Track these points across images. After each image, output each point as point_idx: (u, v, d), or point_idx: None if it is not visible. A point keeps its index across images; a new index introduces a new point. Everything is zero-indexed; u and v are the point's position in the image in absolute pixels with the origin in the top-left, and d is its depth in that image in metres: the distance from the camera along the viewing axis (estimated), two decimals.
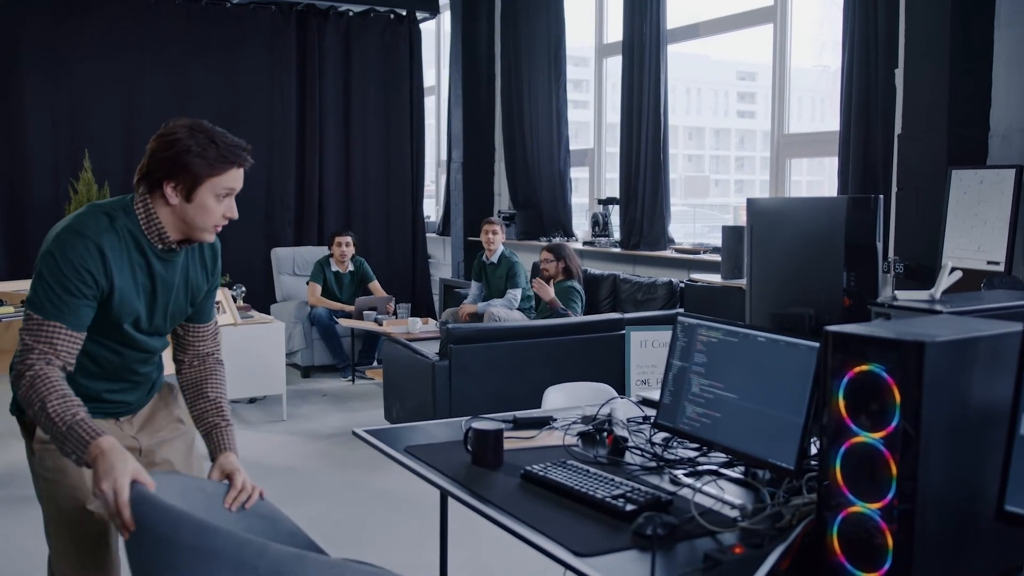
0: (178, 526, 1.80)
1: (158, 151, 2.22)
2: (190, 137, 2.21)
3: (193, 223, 2.25)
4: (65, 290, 2.12)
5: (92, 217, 2.21)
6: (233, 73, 9.17)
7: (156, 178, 2.21)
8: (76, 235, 2.16)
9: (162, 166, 2.20)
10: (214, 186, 2.22)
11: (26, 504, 4.69)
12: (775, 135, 6.55)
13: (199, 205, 2.22)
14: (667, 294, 6.62)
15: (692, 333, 2.40)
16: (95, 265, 2.15)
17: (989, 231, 4.69)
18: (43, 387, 2.03)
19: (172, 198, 2.21)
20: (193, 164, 2.19)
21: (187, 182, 2.20)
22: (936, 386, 1.54)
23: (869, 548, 1.60)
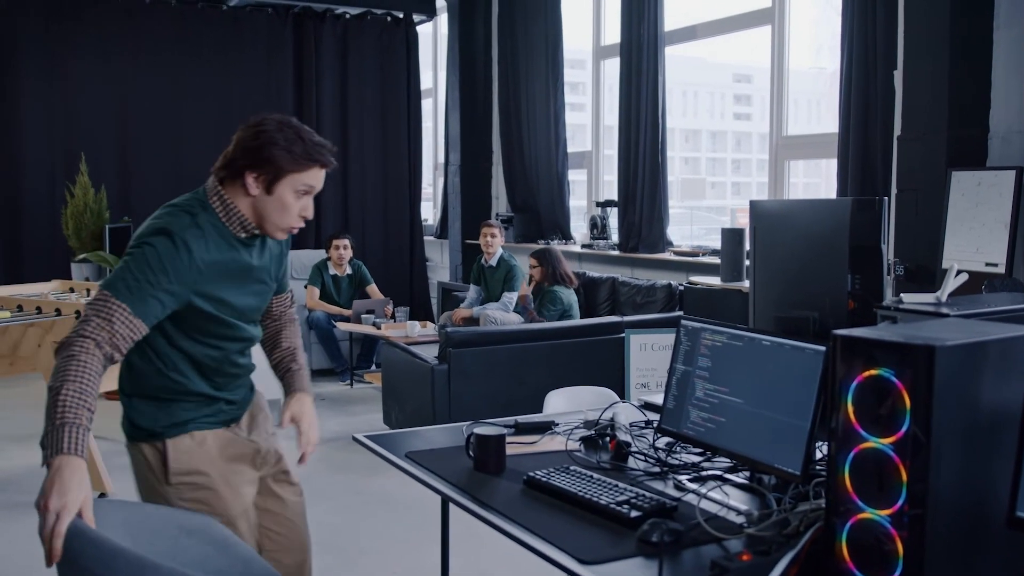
0: (114, 563, 1.73)
1: (245, 140, 2.23)
2: (278, 130, 2.22)
3: (269, 217, 2.26)
4: (144, 278, 2.10)
5: (175, 216, 2.20)
6: (229, 76, 9.15)
7: (239, 167, 2.22)
8: (163, 234, 2.15)
9: (247, 155, 2.21)
10: (295, 181, 2.24)
11: (23, 510, 4.67)
12: (773, 137, 6.54)
13: (278, 199, 2.24)
14: (666, 297, 6.60)
15: (696, 337, 2.38)
16: (181, 263, 2.14)
17: (987, 233, 4.68)
18: (74, 371, 1.98)
19: (252, 188, 2.22)
20: (278, 156, 2.20)
21: (269, 174, 2.21)
22: (946, 390, 1.52)
23: (879, 555, 1.58)
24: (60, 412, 1.94)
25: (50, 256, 8.29)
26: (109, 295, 2.08)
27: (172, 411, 2.30)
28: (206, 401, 2.33)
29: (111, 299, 2.08)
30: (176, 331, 2.24)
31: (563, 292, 6.61)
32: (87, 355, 2.01)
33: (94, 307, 2.08)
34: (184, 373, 2.28)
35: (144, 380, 2.29)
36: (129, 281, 2.10)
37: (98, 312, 2.07)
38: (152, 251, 2.12)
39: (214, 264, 2.21)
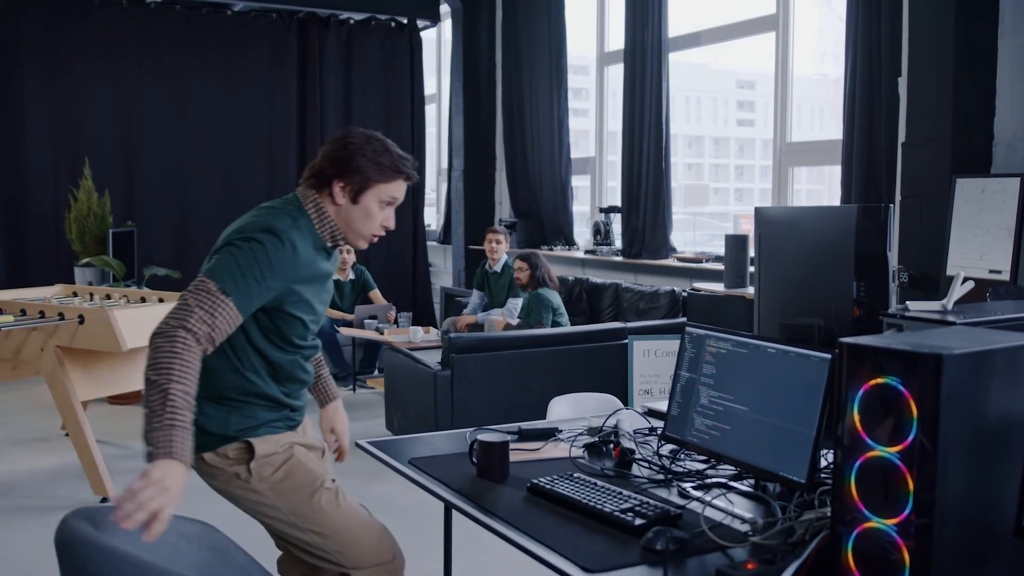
0: (122, 568, 1.73)
1: (333, 151, 2.31)
2: (366, 143, 2.32)
3: (353, 226, 2.33)
4: (251, 273, 2.13)
5: (277, 216, 2.26)
6: (233, 81, 9.16)
7: (327, 176, 2.29)
8: (270, 231, 2.19)
9: (335, 165, 2.29)
10: (380, 192, 2.32)
11: (27, 513, 4.67)
12: (777, 143, 6.53)
13: (363, 209, 2.31)
14: (669, 303, 6.59)
15: (701, 344, 2.37)
16: (287, 262, 2.19)
17: (991, 240, 4.67)
18: (180, 369, 1.99)
19: (339, 198, 2.30)
20: (365, 167, 2.29)
21: (356, 184, 2.29)
22: (954, 399, 1.51)
23: (885, 564, 1.57)
24: (171, 413, 1.95)
25: (54, 260, 8.30)
26: (215, 287, 2.09)
27: (244, 413, 2.32)
28: (275, 406, 2.36)
29: (217, 292, 2.09)
30: (256, 331, 2.27)
31: (549, 294, 6.58)
32: (190, 353, 2.02)
33: (198, 298, 2.08)
34: (259, 374, 2.31)
35: (217, 380, 2.28)
36: (236, 274, 2.12)
37: (201, 303, 2.07)
38: (260, 247, 2.16)
39: (308, 266, 2.27)
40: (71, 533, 1.81)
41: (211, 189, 9.12)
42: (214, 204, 9.13)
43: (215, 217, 9.11)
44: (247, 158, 9.26)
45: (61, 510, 4.81)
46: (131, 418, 6.60)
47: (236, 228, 2.25)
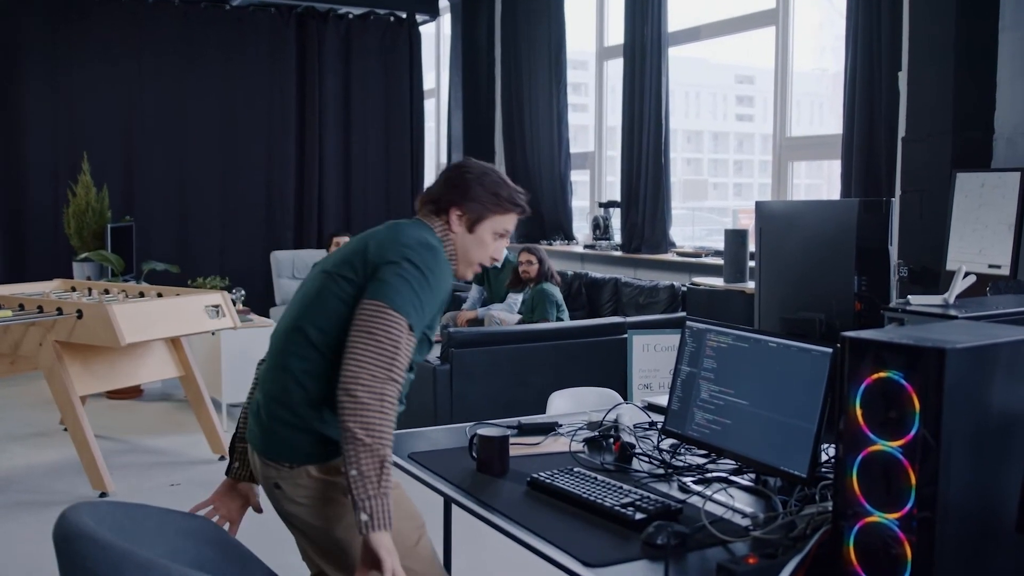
0: (122, 565, 1.71)
1: (452, 179, 2.33)
2: (483, 174, 2.33)
3: (465, 255, 2.33)
4: (428, 303, 2.11)
5: (428, 234, 2.25)
6: (232, 76, 9.14)
7: (446, 203, 2.30)
8: (433, 251, 2.18)
9: (455, 193, 2.30)
10: (495, 224, 2.32)
11: (25, 508, 4.66)
12: (777, 138, 6.52)
13: (478, 239, 2.32)
14: (669, 298, 6.59)
15: (701, 338, 2.37)
16: (447, 287, 2.21)
17: (990, 235, 4.66)
18: (391, 428, 1.97)
19: (456, 225, 2.30)
20: (484, 198, 2.30)
21: (473, 213, 2.30)
22: (956, 393, 1.51)
23: (887, 559, 1.57)
24: (386, 481, 1.96)
25: (52, 255, 8.29)
26: (406, 325, 2.04)
27: None
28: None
29: (408, 332, 2.04)
30: None
31: (553, 289, 6.56)
32: (395, 408, 2.01)
33: (394, 339, 2.01)
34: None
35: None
36: (418, 307, 2.08)
37: (398, 347, 2.02)
38: (432, 276, 2.13)
39: (449, 291, 2.27)
40: (70, 528, 1.80)
41: (210, 184, 9.10)
42: (213, 199, 9.13)
43: (214, 212, 9.13)
44: (246, 153, 9.24)
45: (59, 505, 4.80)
46: (130, 413, 6.61)
47: (396, 245, 2.17)
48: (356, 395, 1.95)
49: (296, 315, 2.22)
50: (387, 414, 1.97)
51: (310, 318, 2.17)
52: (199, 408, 5.53)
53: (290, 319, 2.24)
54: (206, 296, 5.37)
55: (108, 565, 1.71)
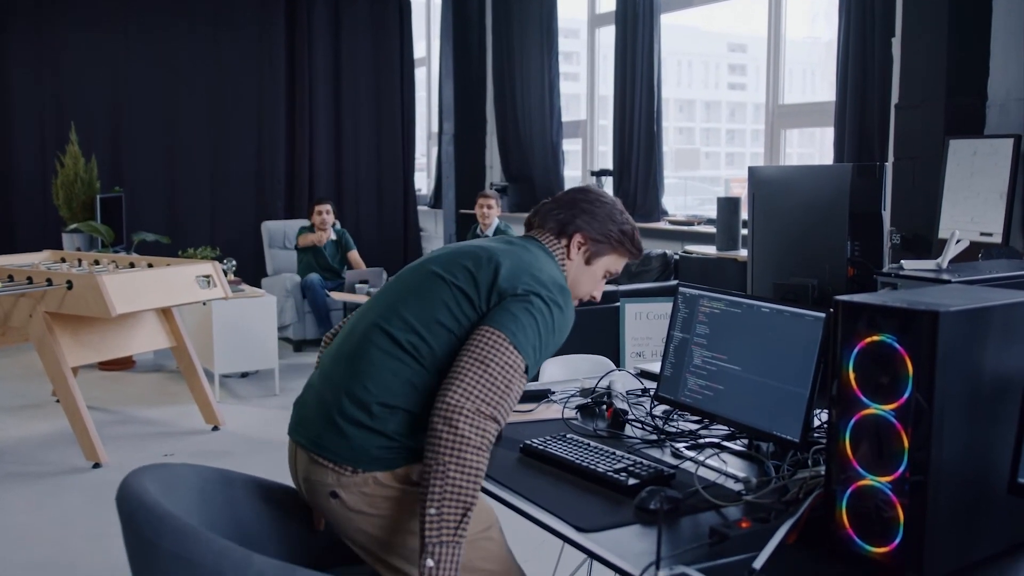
0: (161, 529, 1.70)
1: (584, 204, 2.17)
2: (616, 209, 2.20)
3: (576, 286, 2.19)
4: (547, 345, 1.96)
5: (559, 271, 2.10)
6: (221, 45, 9.06)
7: (573, 228, 2.15)
8: (565, 294, 2.02)
9: (585, 220, 2.16)
10: (611, 262, 2.21)
11: (16, 480, 4.66)
12: (770, 106, 6.50)
13: (592, 273, 2.19)
14: (661, 266, 6.58)
15: (694, 304, 2.36)
16: (568, 328, 2.05)
17: (982, 203, 4.66)
18: (483, 473, 1.81)
19: (575, 253, 2.16)
20: (613, 233, 2.18)
21: (597, 246, 2.17)
22: (949, 357, 1.50)
23: (879, 522, 1.57)
24: (463, 530, 1.77)
25: (41, 226, 8.25)
26: (522, 365, 1.86)
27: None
28: None
29: (523, 373, 1.87)
30: None
31: None
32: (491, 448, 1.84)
33: (508, 377, 1.83)
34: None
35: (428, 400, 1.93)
36: (538, 348, 1.93)
37: (511, 387, 1.84)
38: (561, 317, 1.98)
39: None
40: (126, 489, 1.81)
41: (200, 154, 9.05)
42: (203, 170, 9.08)
43: (204, 182, 9.09)
44: (236, 123, 9.18)
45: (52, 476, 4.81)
46: (122, 384, 6.60)
47: (527, 279, 1.97)
48: (458, 427, 1.76)
49: (389, 308, 2.01)
50: (484, 456, 1.79)
51: (408, 316, 1.97)
52: (191, 379, 5.52)
53: (381, 310, 2.02)
54: (197, 266, 5.35)
55: (150, 528, 1.71)
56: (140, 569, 1.79)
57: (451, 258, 2.05)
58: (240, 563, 1.63)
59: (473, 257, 2.03)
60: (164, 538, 1.69)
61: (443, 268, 2.01)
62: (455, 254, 2.06)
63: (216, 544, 1.67)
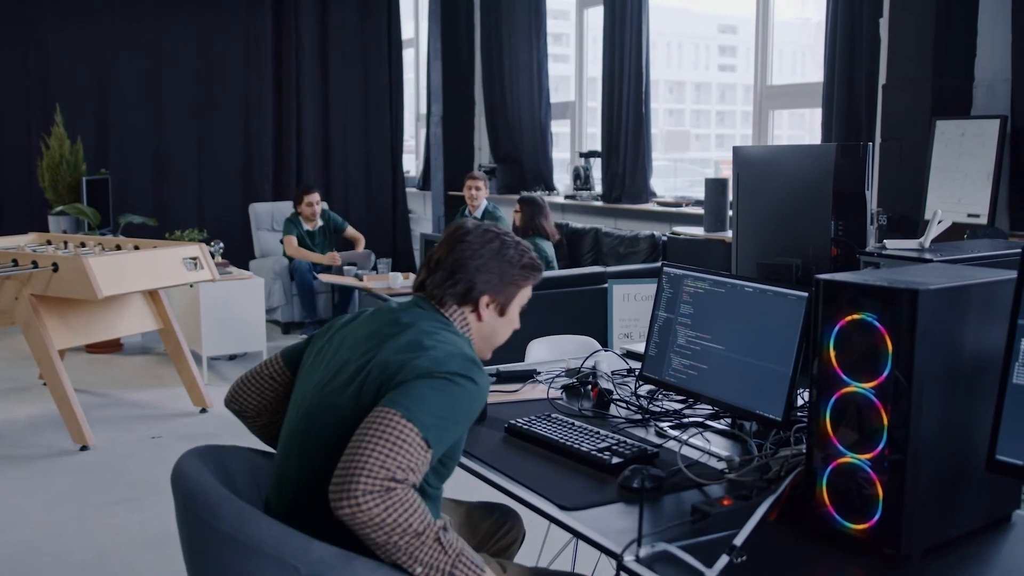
0: (219, 512, 1.67)
1: (473, 259, 1.94)
2: (505, 244, 1.98)
3: (494, 339, 2.02)
4: (454, 421, 1.73)
5: (468, 345, 1.88)
6: (207, 24, 8.99)
7: (478, 293, 1.94)
8: (478, 368, 1.79)
9: (486, 278, 1.94)
10: (523, 297, 2.03)
11: (4, 462, 4.65)
12: (758, 86, 6.49)
13: (509, 319, 2.01)
14: (649, 247, 6.59)
15: (678, 284, 2.37)
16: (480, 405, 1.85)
17: (970, 184, 4.68)
18: (421, 511, 1.61)
19: (486, 313, 1.96)
20: (515, 275, 1.98)
21: (508, 296, 1.98)
22: (929, 335, 1.51)
23: (859, 499, 1.58)
24: (449, 550, 1.65)
25: (27, 209, 8.20)
26: (421, 442, 1.64)
27: None
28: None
29: (425, 450, 1.65)
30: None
31: (542, 243, 6.54)
32: (414, 494, 1.63)
33: (398, 450, 1.61)
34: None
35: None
36: (440, 427, 1.69)
37: (409, 462, 1.62)
38: (467, 397, 1.75)
39: None
40: (179, 470, 1.81)
41: (186, 136, 8.99)
42: (190, 151, 9.02)
43: (191, 164, 9.04)
44: (223, 104, 9.13)
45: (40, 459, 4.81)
46: (110, 366, 6.59)
47: (436, 355, 1.76)
48: (362, 520, 1.58)
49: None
50: (407, 510, 1.60)
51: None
52: (179, 361, 5.51)
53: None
54: (184, 248, 5.33)
55: (208, 511, 1.70)
56: (195, 551, 1.78)
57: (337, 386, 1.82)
58: (299, 549, 1.62)
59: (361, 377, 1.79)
60: (223, 521, 1.67)
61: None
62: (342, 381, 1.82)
63: (276, 529, 1.65)
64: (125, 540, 3.75)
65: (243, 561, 1.64)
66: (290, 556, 1.61)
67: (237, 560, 1.65)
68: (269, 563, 1.62)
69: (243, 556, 1.64)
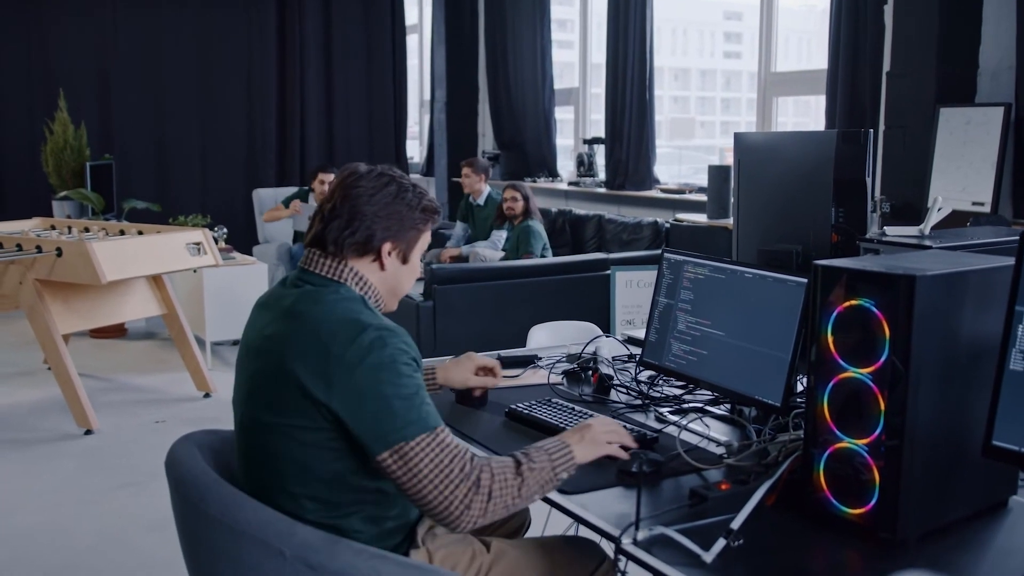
0: (208, 496, 1.70)
1: (370, 204, 1.83)
2: (403, 188, 1.87)
3: (400, 288, 1.93)
4: (416, 387, 1.74)
5: (363, 312, 1.77)
6: (211, 10, 8.98)
7: (379, 240, 1.84)
8: (384, 331, 1.73)
9: (385, 223, 1.84)
10: (423, 241, 1.93)
11: (8, 446, 4.68)
12: (762, 73, 6.47)
13: (412, 267, 1.92)
14: (652, 234, 6.59)
15: (678, 270, 2.37)
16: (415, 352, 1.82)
17: (975, 172, 4.66)
18: (502, 480, 1.72)
19: (388, 262, 1.86)
20: (415, 218, 1.88)
21: (409, 241, 1.89)
22: (926, 320, 1.52)
23: (856, 484, 1.59)
24: (536, 468, 1.77)
25: (31, 194, 8.21)
26: (428, 435, 1.69)
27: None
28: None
29: (435, 437, 1.70)
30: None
31: (538, 226, 6.54)
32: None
33: (429, 464, 1.67)
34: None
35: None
36: (415, 404, 1.72)
37: (442, 456, 1.69)
38: (398, 356, 1.73)
39: None
40: (173, 455, 1.84)
41: (189, 121, 9.00)
42: (193, 137, 9.03)
43: (194, 150, 9.04)
44: (225, 89, 9.12)
45: (44, 443, 4.82)
46: (114, 351, 6.61)
47: (337, 338, 1.69)
48: (475, 517, 1.69)
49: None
50: (485, 499, 1.69)
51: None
52: (183, 346, 5.53)
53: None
54: (187, 233, 5.34)
55: (196, 493, 1.73)
56: (187, 534, 1.81)
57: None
58: (284, 532, 1.64)
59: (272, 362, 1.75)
60: (210, 504, 1.69)
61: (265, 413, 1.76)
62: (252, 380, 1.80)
63: (262, 513, 1.67)
64: (128, 524, 3.77)
65: (231, 544, 1.67)
66: (275, 539, 1.63)
67: (225, 543, 1.68)
68: (255, 546, 1.64)
69: (231, 539, 1.67)
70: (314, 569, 1.61)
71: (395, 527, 1.85)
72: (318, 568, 1.61)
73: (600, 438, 1.89)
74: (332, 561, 1.62)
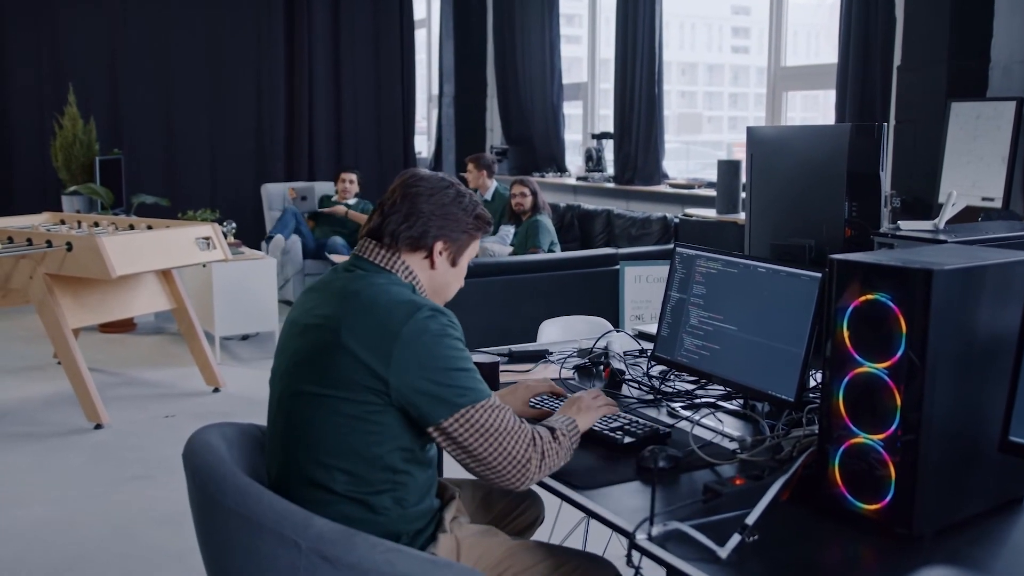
0: (224, 487, 1.71)
1: (429, 204, 1.92)
2: (460, 194, 1.97)
3: (445, 294, 2.01)
4: (467, 359, 1.84)
5: (413, 295, 1.86)
6: (219, 5, 8.97)
7: (432, 237, 1.92)
8: (438, 309, 1.82)
9: (440, 223, 1.92)
10: (473, 250, 2.02)
11: (18, 440, 4.69)
12: (771, 68, 6.45)
13: (459, 271, 2.00)
14: (661, 229, 6.58)
15: (691, 264, 2.36)
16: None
17: (985, 167, 4.64)
18: (551, 449, 1.86)
19: (439, 261, 1.94)
20: (468, 223, 1.97)
21: (460, 244, 1.97)
22: (943, 315, 1.51)
23: (871, 480, 1.58)
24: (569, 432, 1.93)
25: (40, 189, 8.23)
26: (486, 403, 1.80)
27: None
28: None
29: (496, 404, 1.82)
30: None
31: (546, 220, 6.53)
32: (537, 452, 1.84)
33: (498, 426, 1.79)
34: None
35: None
36: (470, 374, 1.83)
37: (500, 425, 1.80)
38: (452, 333, 1.83)
39: None
40: (191, 445, 1.85)
41: (199, 116, 9.00)
42: (202, 132, 9.03)
43: (203, 145, 9.05)
44: (234, 84, 9.13)
45: (54, 436, 4.83)
46: (123, 346, 6.62)
47: (394, 316, 1.76)
48: (535, 475, 1.83)
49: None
50: (541, 462, 1.83)
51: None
52: (192, 341, 5.54)
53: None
54: (196, 228, 5.35)
55: (214, 483, 1.73)
56: (203, 525, 1.81)
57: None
58: (300, 524, 1.64)
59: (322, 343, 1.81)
60: (227, 496, 1.70)
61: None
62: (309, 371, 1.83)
63: (278, 504, 1.68)
64: (138, 517, 3.78)
65: (246, 536, 1.67)
66: (290, 531, 1.64)
67: (241, 534, 1.68)
68: (270, 537, 1.64)
69: (246, 531, 1.67)
70: (329, 561, 1.61)
71: (422, 511, 1.88)
72: (333, 560, 1.61)
73: (592, 405, 2.08)
74: (347, 554, 1.62)
